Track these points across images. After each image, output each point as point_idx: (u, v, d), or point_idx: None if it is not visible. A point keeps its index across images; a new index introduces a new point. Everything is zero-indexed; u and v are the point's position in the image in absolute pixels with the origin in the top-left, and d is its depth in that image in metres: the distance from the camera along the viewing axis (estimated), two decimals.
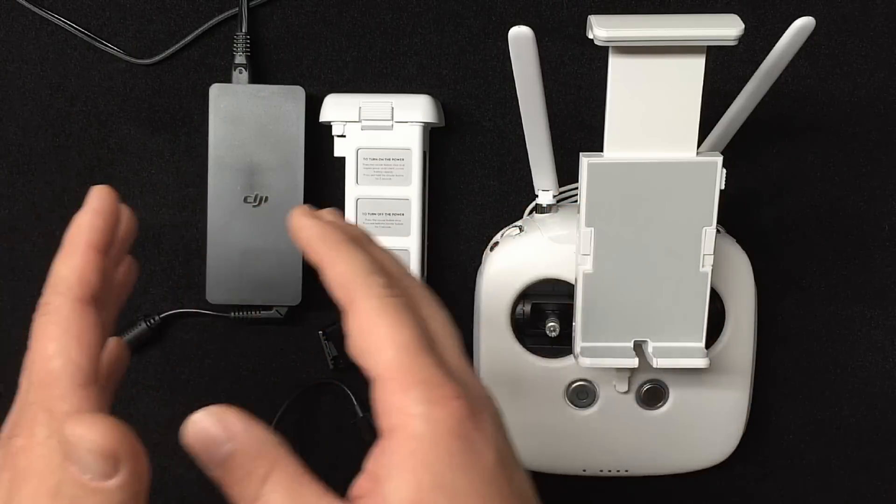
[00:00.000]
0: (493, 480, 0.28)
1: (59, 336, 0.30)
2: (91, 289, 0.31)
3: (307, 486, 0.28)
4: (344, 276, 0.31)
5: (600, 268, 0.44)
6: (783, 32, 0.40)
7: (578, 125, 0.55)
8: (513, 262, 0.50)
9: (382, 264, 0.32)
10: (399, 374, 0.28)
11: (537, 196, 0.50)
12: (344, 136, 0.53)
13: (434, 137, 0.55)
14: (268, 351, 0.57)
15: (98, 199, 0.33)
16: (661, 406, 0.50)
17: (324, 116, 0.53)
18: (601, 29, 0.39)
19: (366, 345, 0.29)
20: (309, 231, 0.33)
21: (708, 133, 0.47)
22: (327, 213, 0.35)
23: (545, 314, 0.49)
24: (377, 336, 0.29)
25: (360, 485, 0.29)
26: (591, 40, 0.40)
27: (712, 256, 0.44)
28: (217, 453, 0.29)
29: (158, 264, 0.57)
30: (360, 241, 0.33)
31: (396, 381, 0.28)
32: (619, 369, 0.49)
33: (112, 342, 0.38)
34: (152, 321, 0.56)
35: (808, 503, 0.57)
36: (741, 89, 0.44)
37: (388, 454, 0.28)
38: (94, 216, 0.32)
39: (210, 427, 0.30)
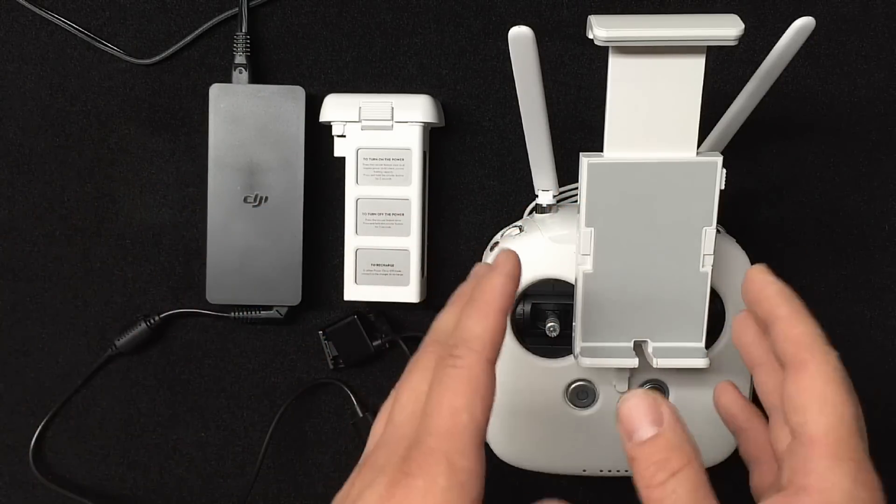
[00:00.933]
0: None
1: (469, 393, 0.31)
2: (497, 353, 0.32)
3: (708, 495, 0.30)
4: (803, 336, 0.33)
5: (600, 268, 0.44)
6: (783, 32, 0.40)
7: (578, 125, 0.55)
8: None
9: None
10: (834, 442, 0.30)
11: (537, 196, 0.50)
12: (344, 136, 0.53)
13: (434, 137, 0.55)
14: (268, 351, 0.57)
15: (510, 263, 0.34)
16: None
17: (324, 116, 0.53)
18: (601, 29, 0.39)
19: (808, 403, 0.31)
20: (773, 287, 0.35)
21: (708, 133, 0.47)
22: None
23: (545, 314, 0.49)
24: (824, 401, 0.31)
25: None
26: (591, 40, 0.40)
27: (712, 256, 0.44)
28: (642, 432, 0.31)
29: (158, 264, 0.57)
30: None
31: (829, 447, 0.30)
32: (619, 369, 0.49)
33: None
34: (152, 321, 0.56)
35: None
36: (741, 89, 0.44)
37: None
38: (507, 280, 0.34)
39: (645, 407, 0.31)
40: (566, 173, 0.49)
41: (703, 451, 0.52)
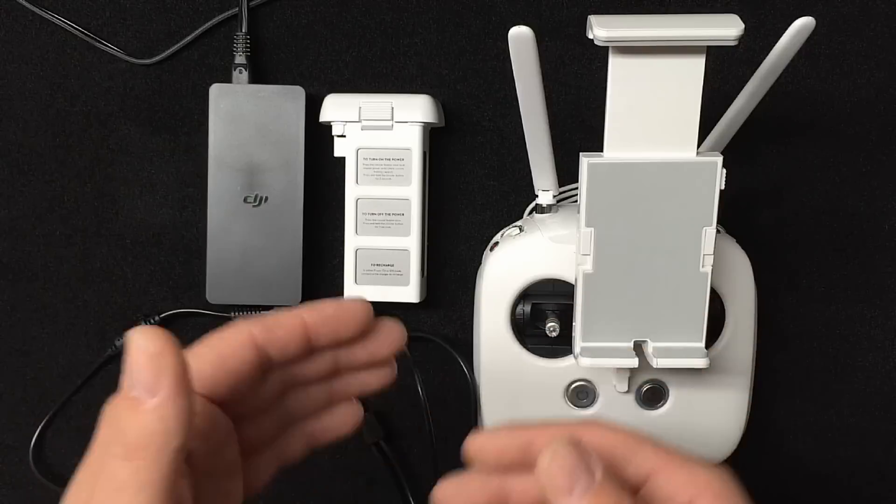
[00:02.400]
0: None
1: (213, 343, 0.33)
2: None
3: None
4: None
5: (600, 268, 0.44)
6: (783, 32, 0.40)
7: (578, 125, 0.55)
8: (513, 262, 0.50)
9: None
10: None
11: (537, 196, 0.50)
12: (344, 136, 0.53)
13: (434, 137, 0.55)
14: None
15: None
16: (661, 406, 0.50)
17: (324, 116, 0.53)
18: (601, 29, 0.39)
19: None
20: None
21: (708, 133, 0.47)
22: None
23: (545, 314, 0.49)
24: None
25: None
26: (591, 40, 0.40)
27: (712, 256, 0.44)
28: (576, 489, 0.30)
29: (158, 264, 0.57)
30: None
31: None
32: (619, 369, 0.49)
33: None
34: (152, 321, 0.56)
35: (808, 503, 0.57)
36: (741, 89, 0.44)
37: None
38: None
39: (573, 464, 0.30)
40: (566, 173, 0.49)
41: (704, 451, 0.52)
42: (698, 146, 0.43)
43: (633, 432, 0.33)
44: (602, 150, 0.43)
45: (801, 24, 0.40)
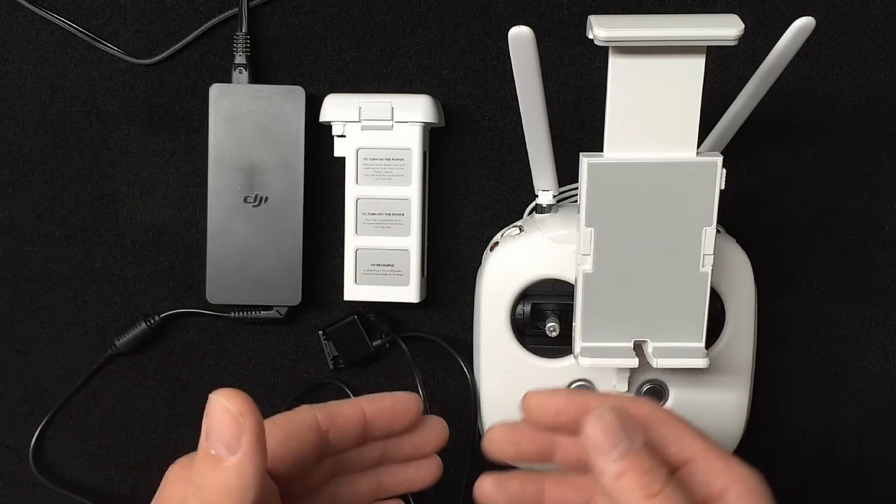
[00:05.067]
0: None
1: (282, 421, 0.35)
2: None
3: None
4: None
5: (600, 268, 0.44)
6: (783, 32, 0.40)
7: (578, 125, 0.55)
8: (513, 262, 0.50)
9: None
10: None
11: (537, 196, 0.50)
12: (344, 136, 0.53)
13: (434, 137, 0.55)
14: (268, 351, 0.57)
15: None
16: (661, 406, 0.50)
17: (324, 116, 0.53)
18: (601, 29, 0.39)
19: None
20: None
21: (708, 133, 0.47)
22: None
23: (545, 314, 0.49)
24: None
25: None
26: (591, 40, 0.40)
27: (712, 256, 0.44)
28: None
29: (158, 264, 0.57)
30: None
31: None
32: (619, 369, 0.49)
33: None
34: (152, 321, 0.56)
35: (808, 503, 0.57)
36: (741, 89, 0.44)
37: None
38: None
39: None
40: (566, 173, 0.49)
41: None
42: (698, 146, 0.43)
43: (682, 418, 0.35)
44: (602, 150, 0.43)
45: (801, 24, 0.40)
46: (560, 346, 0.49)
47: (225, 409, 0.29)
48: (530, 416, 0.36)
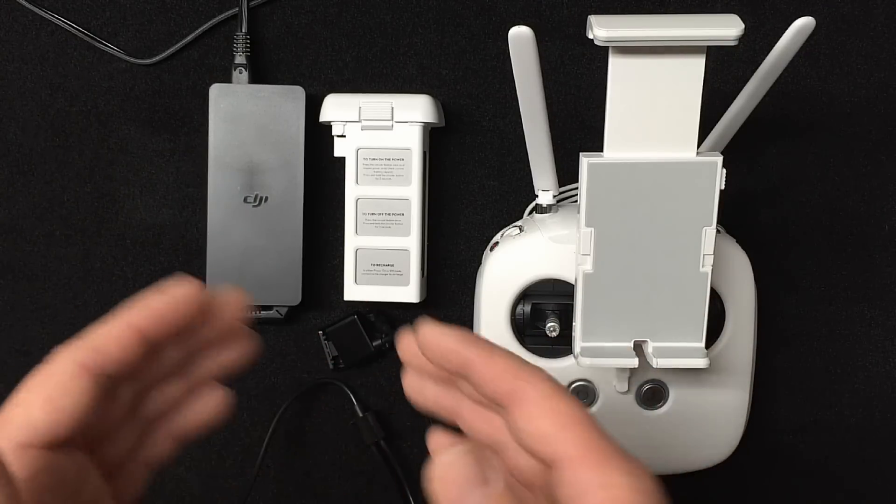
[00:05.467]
0: None
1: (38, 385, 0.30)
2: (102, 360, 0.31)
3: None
4: (507, 369, 0.30)
5: (600, 268, 0.44)
6: (783, 32, 0.40)
7: (578, 125, 0.55)
8: (513, 262, 0.50)
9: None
10: (591, 451, 0.28)
11: (537, 196, 0.50)
12: (344, 136, 0.53)
13: (434, 137, 0.55)
14: (268, 351, 0.57)
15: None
16: (661, 406, 0.50)
17: (324, 116, 0.53)
18: (601, 29, 0.39)
19: (546, 430, 0.28)
20: (451, 338, 0.32)
21: (708, 133, 0.47)
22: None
23: (545, 314, 0.49)
24: (559, 418, 0.28)
25: None
26: (591, 40, 0.40)
27: (712, 256, 0.44)
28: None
29: (158, 264, 0.57)
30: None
31: (590, 458, 0.28)
32: (619, 369, 0.49)
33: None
34: None
35: (808, 503, 0.57)
36: (741, 89, 0.44)
37: None
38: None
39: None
40: (566, 173, 0.49)
41: (704, 451, 0.52)
42: (698, 146, 0.43)
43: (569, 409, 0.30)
44: (602, 150, 0.43)
45: (801, 24, 0.40)
46: (560, 346, 0.49)
47: None
48: (423, 350, 0.33)
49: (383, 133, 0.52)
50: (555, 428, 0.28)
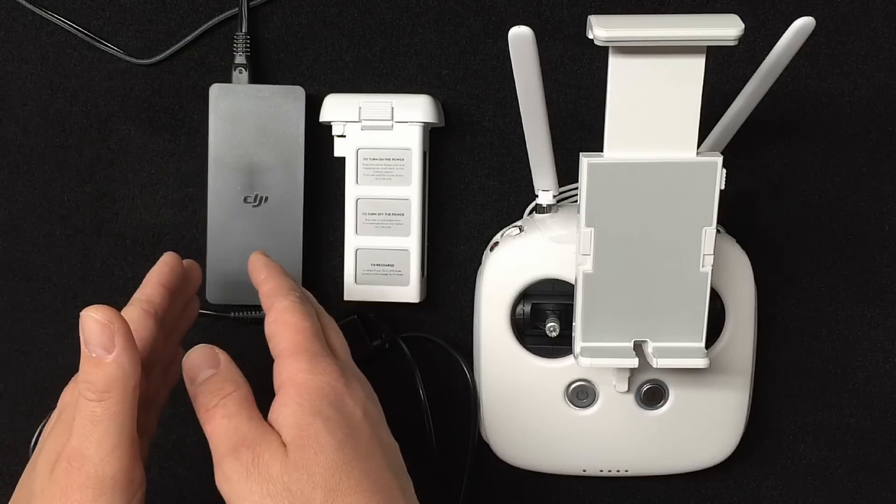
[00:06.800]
0: (359, 426, 0.38)
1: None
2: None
3: (253, 407, 0.39)
4: (272, 289, 0.43)
5: (600, 268, 0.44)
6: (783, 32, 0.41)
7: (578, 125, 0.55)
8: (513, 262, 0.50)
9: (304, 295, 0.44)
10: (294, 347, 0.39)
11: (537, 196, 0.50)
12: (344, 136, 0.53)
13: (434, 137, 0.55)
14: (268, 351, 0.57)
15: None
16: (661, 406, 0.50)
17: (324, 116, 0.53)
18: (601, 29, 0.39)
19: (275, 330, 0.40)
20: (260, 263, 0.46)
21: (708, 133, 0.47)
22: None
23: (545, 314, 0.49)
24: (284, 324, 0.40)
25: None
26: (591, 40, 0.40)
27: (712, 256, 0.44)
28: (203, 374, 0.39)
29: None
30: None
31: (290, 351, 0.39)
32: (619, 369, 0.49)
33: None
34: None
35: (808, 503, 0.57)
36: (741, 89, 0.44)
37: (279, 397, 0.38)
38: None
39: (204, 356, 0.40)
40: (566, 173, 0.49)
41: (704, 451, 0.52)
42: (698, 146, 0.43)
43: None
44: (602, 150, 0.43)
45: (801, 24, 0.40)
46: (560, 346, 0.49)
47: (95, 321, 0.35)
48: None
49: (383, 133, 0.52)
50: (280, 331, 0.40)
